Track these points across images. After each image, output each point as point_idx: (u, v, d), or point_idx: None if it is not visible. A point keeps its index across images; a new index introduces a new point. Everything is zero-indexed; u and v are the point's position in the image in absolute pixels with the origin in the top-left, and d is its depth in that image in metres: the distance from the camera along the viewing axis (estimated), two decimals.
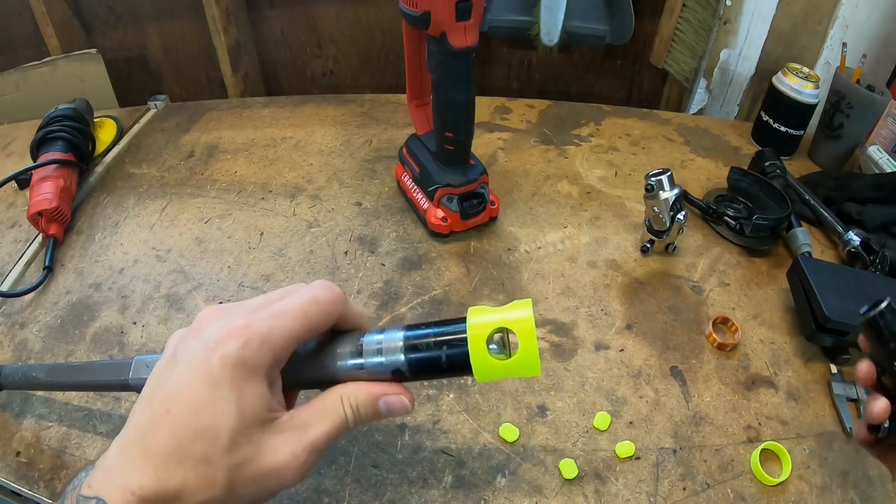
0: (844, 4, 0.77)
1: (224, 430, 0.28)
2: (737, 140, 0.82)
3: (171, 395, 0.29)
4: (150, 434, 0.29)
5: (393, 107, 0.87)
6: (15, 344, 0.56)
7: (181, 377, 0.29)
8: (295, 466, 0.30)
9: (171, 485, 0.28)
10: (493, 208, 0.65)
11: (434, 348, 0.32)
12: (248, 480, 0.29)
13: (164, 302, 0.59)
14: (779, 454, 0.46)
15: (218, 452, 0.28)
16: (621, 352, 0.54)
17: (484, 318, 0.32)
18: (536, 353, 0.30)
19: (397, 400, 0.33)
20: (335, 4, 1.01)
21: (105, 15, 1.06)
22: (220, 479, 0.28)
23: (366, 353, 0.33)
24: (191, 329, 0.32)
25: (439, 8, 0.48)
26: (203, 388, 0.29)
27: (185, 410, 0.28)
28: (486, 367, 0.31)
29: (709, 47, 0.86)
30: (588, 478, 0.45)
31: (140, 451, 0.29)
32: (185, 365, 0.30)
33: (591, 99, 0.93)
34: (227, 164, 0.77)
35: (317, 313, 0.32)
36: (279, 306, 0.31)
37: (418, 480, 0.45)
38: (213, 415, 0.28)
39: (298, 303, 0.32)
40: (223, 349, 0.29)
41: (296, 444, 0.30)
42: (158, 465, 0.28)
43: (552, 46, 0.86)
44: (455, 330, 0.32)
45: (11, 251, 0.67)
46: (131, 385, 0.40)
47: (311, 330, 0.32)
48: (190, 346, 0.30)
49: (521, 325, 0.31)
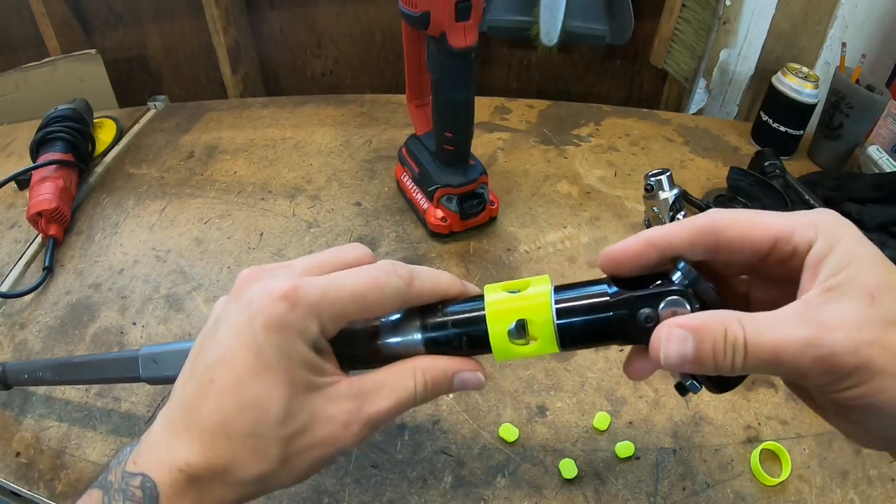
0: (844, 4, 0.77)
1: (274, 401, 0.26)
2: (736, 140, 0.82)
3: (214, 364, 0.27)
4: (194, 406, 0.27)
5: (393, 107, 0.87)
6: (15, 344, 0.56)
7: (224, 344, 0.27)
8: (347, 436, 0.28)
9: (220, 460, 0.26)
10: (493, 208, 0.65)
11: (453, 333, 0.31)
12: (302, 450, 0.27)
13: (163, 302, 0.59)
14: (779, 454, 0.46)
15: (269, 424, 0.26)
16: (621, 352, 0.54)
17: (502, 303, 0.30)
18: (555, 337, 0.29)
19: (473, 377, 0.31)
20: (335, 5, 1.01)
21: (105, 15, 1.06)
22: (273, 451, 0.27)
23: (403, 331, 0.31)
24: (232, 293, 0.29)
25: (439, 8, 0.48)
26: (247, 355, 0.26)
27: (229, 380, 0.27)
28: (505, 352, 0.30)
29: (708, 47, 0.86)
30: (588, 478, 0.45)
31: (185, 424, 0.27)
32: (227, 331, 0.28)
33: (590, 99, 0.94)
34: (227, 164, 0.77)
35: (377, 299, 0.29)
36: (338, 277, 0.29)
37: (418, 480, 0.45)
38: (261, 384, 0.26)
39: (358, 282, 0.29)
40: (267, 313, 0.26)
41: (352, 414, 0.28)
42: (205, 440, 0.26)
43: (552, 46, 0.86)
44: (474, 318, 0.30)
45: (11, 252, 0.67)
46: (143, 380, 0.40)
47: (365, 313, 0.29)
48: (231, 311, 0.28)
49: (539, 313, 0.29)
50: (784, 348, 0.23)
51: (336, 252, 0.31)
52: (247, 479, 0.27)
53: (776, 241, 0.26)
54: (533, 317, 0.29)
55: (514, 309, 0.30)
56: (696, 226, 0.27)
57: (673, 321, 0.26)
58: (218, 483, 0.27)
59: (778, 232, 0.26)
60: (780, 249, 0.26)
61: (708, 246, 0.27)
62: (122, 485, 0.27)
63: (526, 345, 0.30)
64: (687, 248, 0.28)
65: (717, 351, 0.24)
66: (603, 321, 0.29)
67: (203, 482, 0.27)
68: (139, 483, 0.26)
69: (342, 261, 0.31)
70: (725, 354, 0.24)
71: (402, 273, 0.30)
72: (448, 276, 0.32)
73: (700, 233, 0.27)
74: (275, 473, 0.27)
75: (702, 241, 0.27)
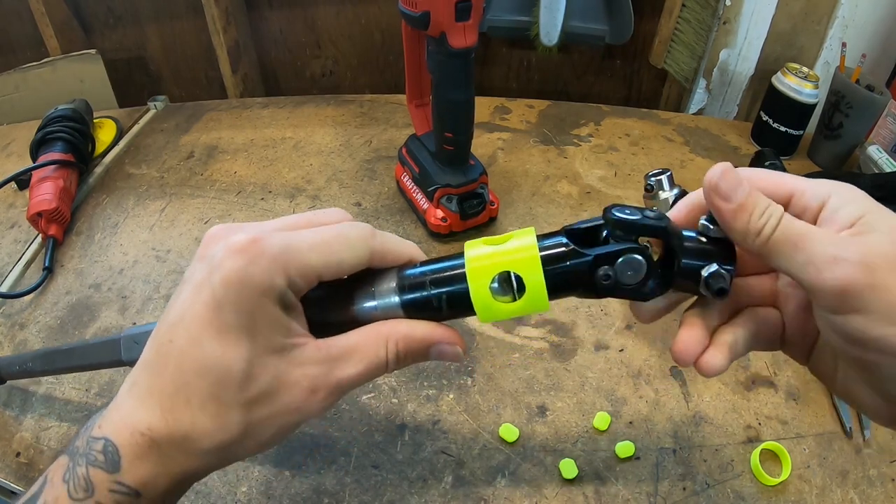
0: (844, 4, 0.77)
1: (234, 361, 0.25)
2: (736, 140, 0.82)
3: (174, 322, 0.26)
4: (155, 368, 0.26)
5: (392, 107, 0.87)
6: (15, 344, 0.56)
7: (183, 303, 0.26)
8: (313, 402, 0.26)
9: (180, 425, 0.25)
10: (493, 208, 0.65)
11: (432, 293, 0.29)
12: (265, 417, 0.26)
13: (163, 302, 0.59)
14: (779, 454, 0.46)
15: (229, 388, 0.25)
16: (621, 352, 0.54)
17: (483, 259, 0.28)
18: (544, 290, 0.27)
19: (450, 350, 0.29)
20: (335, 5, 1.01)
21: (105, 15, 1.06)
22: (234, 418, 0.25)
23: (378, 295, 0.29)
24: (198, 251, 0.28)
25: (439, 8, 0.48)
26: (206, 312, 0.25)
27: (188, 340, 0.25)
28: (489, 311, 0.28)
29: (708, 47, 0.86)
30: (588, 478, 0.45)
31: (147, 387, 0.26)
32: (188, 289, 0.26)
33: (590, 99, 0.93)
34: (227, 164, 0.77)
35: (342, 247, 0.28)
36: (301, 231, 0.28)
37: (418, 481, 0.45)
38: (220, 344, 0.25)
39: (322, 231, 0.28)
40: (227, 267, 0.25)
41: (319, 380, 0.26)
42: (165, 404, 0.25)
43: (551, 46, 0.86)
44: (453, 276, 0.29)
45: (11, 252, 0.67)
46: (125, 362, 0.39)
47: (332, 266, 0.27)
48: (195, 269, 0.27)
49: (525, 266, 0.27)
50: (810, 236, 0.24)
51: (311, 214, 0.30)
52: (208, 449, 0.26)
53: (791, 195, 0.27)
54: (519, 270, 0.28)
55: (496, 263, 0.28)
56: None
57: (732, 169, 0.26)
58: (180, 451, 0.26)
59: (793, 188, 0.27)
60: (794, 205, 0.27)
61: None
62: (87, 449, 0.26)
63: (511, 302, 0.28)
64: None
65: (758, 209, 0.25)
66: (582, 269, 0.27)
67: (164, 448, 0.25)
68: (101, 447, 0.26)
69: (316, 222, 0.30)
70: (762, 216, 0.25)
71: (366, 225, 0.29)
72: (414, 244, 0.31)
73: None
74: (238, 442, 0.26)
75: None
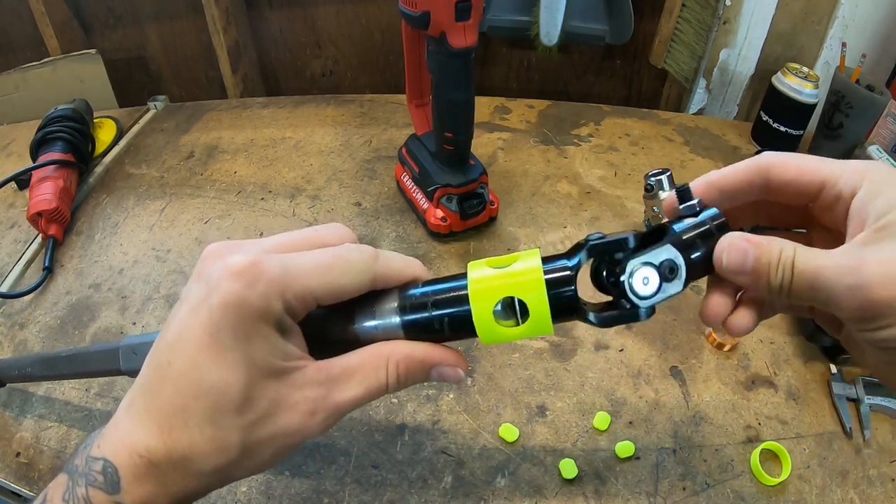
0: (844, 4, 0.77)
1: (232, 386, 0.25)
2: (736, 140, 0.82)
3: (172, 343, 0.26)
4: (154, 389, 0.26)
5: (392, 107, 0.87)
6: (15, 344, 0.56)
7: (181, 323, 0.26)
8: (312, 425, 0.26)
9: (179, 446, 0.25)
10: (493, 208, 0.65)
11: (434, 315, 0.28)
12: (264, 439, 0.26)
13: (163, 302, 0.59)
14: (779, 454, 0.46)
15: (227, 411, 0.25)
16: (621, 352, 0.54)
17: (486, 281, 0.28)
18: (549, 316, 0.27)
19: (452, 372, 0.29)
20: (335, 5, 1.01)
21: (105, 15, 1.06)
22: (233, 441, 0.25)
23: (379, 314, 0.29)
24: (195, 270, 0.28)
25: (439, 8, 0.48)
26: (203, 335, 0.25)
27: (185, 362, 0.25)
28: (492, 334, 0.28)
29: (708, 47, 0.86)
30: (588, 478, 0.45)
31: (146, 407, 0.26)
32: (185, 309, 0.26)
33: (590, 99, 0.93)
34: (227, 164, 0.77)
35: (342, 271, 0.27)
36: (302, 253, 0.27)
37: (418, 481, 0.45)
38: (218, 368, 0.25)
39: (323, 255, 0.27)
40: (224, 290, 0.25)
41: (318, 402, 0.26)
42: (163, 425, 0.25)
43: (552, 46, 0.86)
44: (456, 297, 0.28)
45: (11, 252, 0.67)
46: (124, 372, 0.38)
47: (331, 292, 0.27)
48: (192, 289, 0.26)
49: (529, 291, 0.27)
50: (823, 273, 0.25)
51: (312, 231, 0.30)
52: (207, 471, 0.26)
53: (823, 183, 0.27)
54: (523, 296, 0.27)
55: (500, 286, 0.27)
56: (752, 166, 0.29)
57: (737, 234, 0.27)
58: (179, 472, 0.26)
59: (826, 175, 0.27)
60: (826, 193, 0.27)
61: (761, 186, 0.29)
62: (86, 469, 0.26)
63: (515, 326, 0.28)
64: (744, 187, 0.29)
65: (772, 267, 0.26)
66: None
67: (163, 469, 0.25)
68: (101, 468, 0.26)
69: (317, 241, 0.29)
70: (777, 272, 0.26)
71: (368, 248, 0.29)
72: (418, 262, 0.31)
73: (756, 172, 0.29)
74: (237, 464, 0.26)
75: (757, 181, 0.29)
